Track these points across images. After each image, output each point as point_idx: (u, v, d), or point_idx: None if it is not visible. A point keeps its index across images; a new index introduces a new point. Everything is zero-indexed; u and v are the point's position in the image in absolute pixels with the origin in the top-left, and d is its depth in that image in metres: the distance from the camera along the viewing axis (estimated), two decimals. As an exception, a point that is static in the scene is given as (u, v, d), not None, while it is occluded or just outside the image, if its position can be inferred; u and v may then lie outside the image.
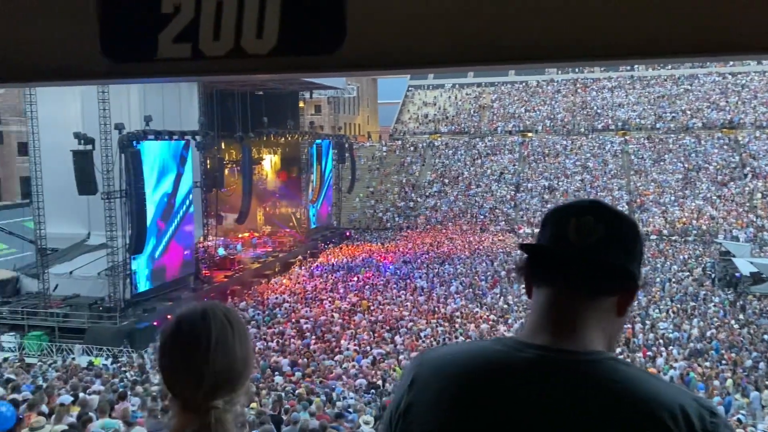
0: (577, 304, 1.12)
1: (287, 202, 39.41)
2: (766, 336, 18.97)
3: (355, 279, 27.68)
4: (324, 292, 25.41)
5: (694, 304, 23.13)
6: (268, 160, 38.56)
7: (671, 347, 17.92)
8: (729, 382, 14.94)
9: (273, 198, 39.13)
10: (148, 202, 22.71)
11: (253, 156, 33.30)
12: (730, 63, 53.21)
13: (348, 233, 42.03)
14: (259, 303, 23.95)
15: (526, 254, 1.19)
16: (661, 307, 22.47)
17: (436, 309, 22.23)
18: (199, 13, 1.13)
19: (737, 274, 25.77)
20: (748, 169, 44.65)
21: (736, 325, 20.37)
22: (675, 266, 30.01)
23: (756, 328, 20.16)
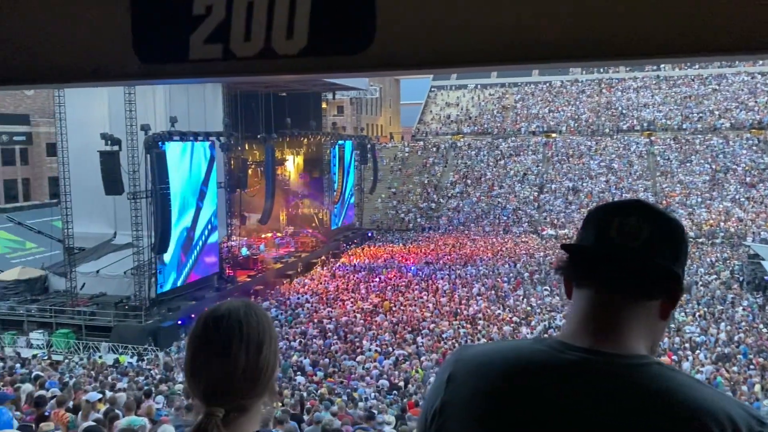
0: (621, 306, 1.11)
1: (310, 203, 39.63)
2: (796, 341, 18.58)
3: (377, 280, 27.71)
4: (346, 293, 25.48)
5: (722, 307, 22.71)
6: (291, 161, 38.80)
7: (698, 351, 17.66)
8: (757, 387, 14.67)
9: (296, 198, 39.34)
10: (172, 202, 22.98)
11: (276, 157, 33.60)
12: (760, 62, 52.18)
13: (370, 234, 42.10)
14: (281, 303, 24.10)
15: (568, 254, 1.17)
16: (688, 310, 22.10)
17: (459, 311, 22.16)
18: (231, 14, 1.14)
19: (766, 278, 25.30)
20: (778, 170, 43.85)
21: (765, 330, 19.95)
22: (702, 269, 29.52)
23: (785, 332, 19.76)
